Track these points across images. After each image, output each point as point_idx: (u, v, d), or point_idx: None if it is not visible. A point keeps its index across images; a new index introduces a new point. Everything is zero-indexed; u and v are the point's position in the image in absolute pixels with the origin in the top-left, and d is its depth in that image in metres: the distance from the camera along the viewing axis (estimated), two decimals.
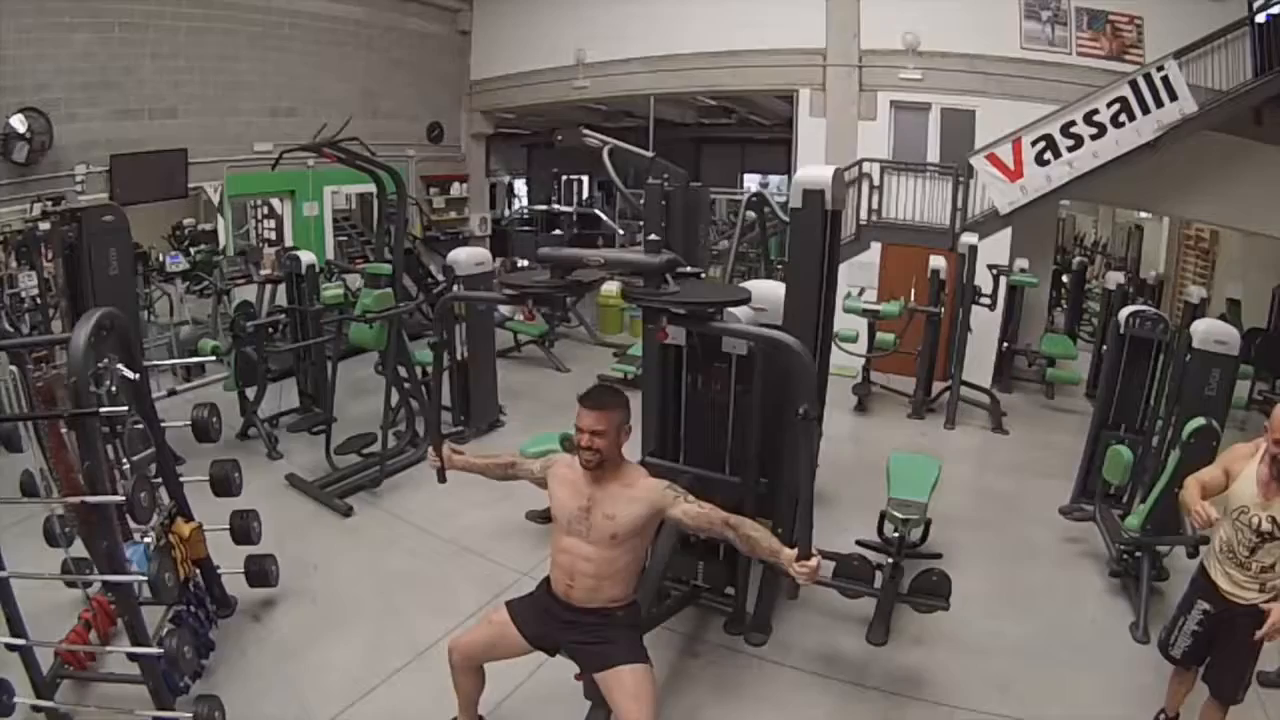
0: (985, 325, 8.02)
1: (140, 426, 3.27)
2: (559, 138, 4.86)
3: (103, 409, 2.85)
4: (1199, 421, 4.27)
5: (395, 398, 5.93)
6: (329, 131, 5.33)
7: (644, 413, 4.28)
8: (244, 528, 3.87)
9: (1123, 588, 4.62)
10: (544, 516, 5.18)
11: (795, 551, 2.48)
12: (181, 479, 3.64)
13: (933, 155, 9.21)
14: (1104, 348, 8.16)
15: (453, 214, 12.12)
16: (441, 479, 3.29)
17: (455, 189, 12.13)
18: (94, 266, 4.63)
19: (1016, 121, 8.11)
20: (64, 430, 3.41)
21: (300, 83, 9.61)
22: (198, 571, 3.68)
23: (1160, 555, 4.55)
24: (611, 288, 10.32)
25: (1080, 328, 10.24)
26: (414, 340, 6.94)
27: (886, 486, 4.48)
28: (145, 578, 2.94)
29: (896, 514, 4.11)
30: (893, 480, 4.53)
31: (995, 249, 8.09)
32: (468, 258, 6.35)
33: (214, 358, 6.03)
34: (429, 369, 5.85)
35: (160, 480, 3.50)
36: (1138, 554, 4.52)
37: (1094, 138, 7.60)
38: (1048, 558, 5.07)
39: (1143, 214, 13.06)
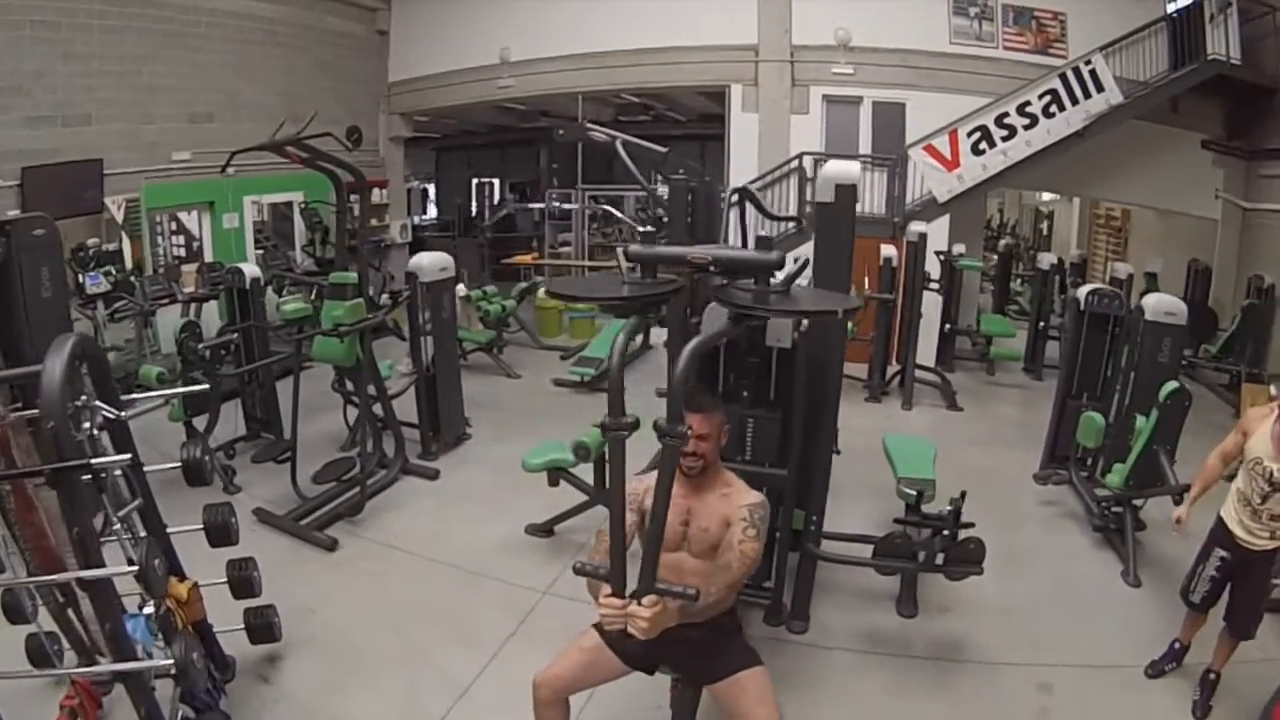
0: (928, 309, 8.33)
1: (118, 473, 2.76)
2: (560, 132, 4.62)
3: (94, 460, 2.39)
4: (1173, 384, 4.66)
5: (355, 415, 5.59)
6: (290, 128, 4.86)
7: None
8: (244, 579, 3.37)
9: (1106, 541, 4.99)
10: (545, 529, 4.95)
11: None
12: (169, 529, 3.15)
13: (864, 147, 9.50)
14: (1040, 324, 8.76)
15: (374, 221, 11.50)
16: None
17: (376, 195, 11.52)
18: (26, 288, 3.96)
19: (946, 114, 8.50)
20: (32, 488, 2.84)
21: (218, 86, 8.97)
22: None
23: (1138, 509, 4.90)
24: None
25: (1007, 307, 10.84)
26: None
27: (891, 467, 4.66)
28: (170, 662, 2.46)
29: (910, 491, 4.28)
30: (896, 461, 4.71)
31: (936, 236, 8.42)
32: (431, 263, 6.00)
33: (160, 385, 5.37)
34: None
35: (145, 535, 3.01)
36: (1118, 509, 4.89)
37: (1027, 128, 8.10)
38: (1033, 522, 5.35)
39: (1047, 196, 14.04)
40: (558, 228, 13.27)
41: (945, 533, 4.05)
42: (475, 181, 16.53)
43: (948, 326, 8.84)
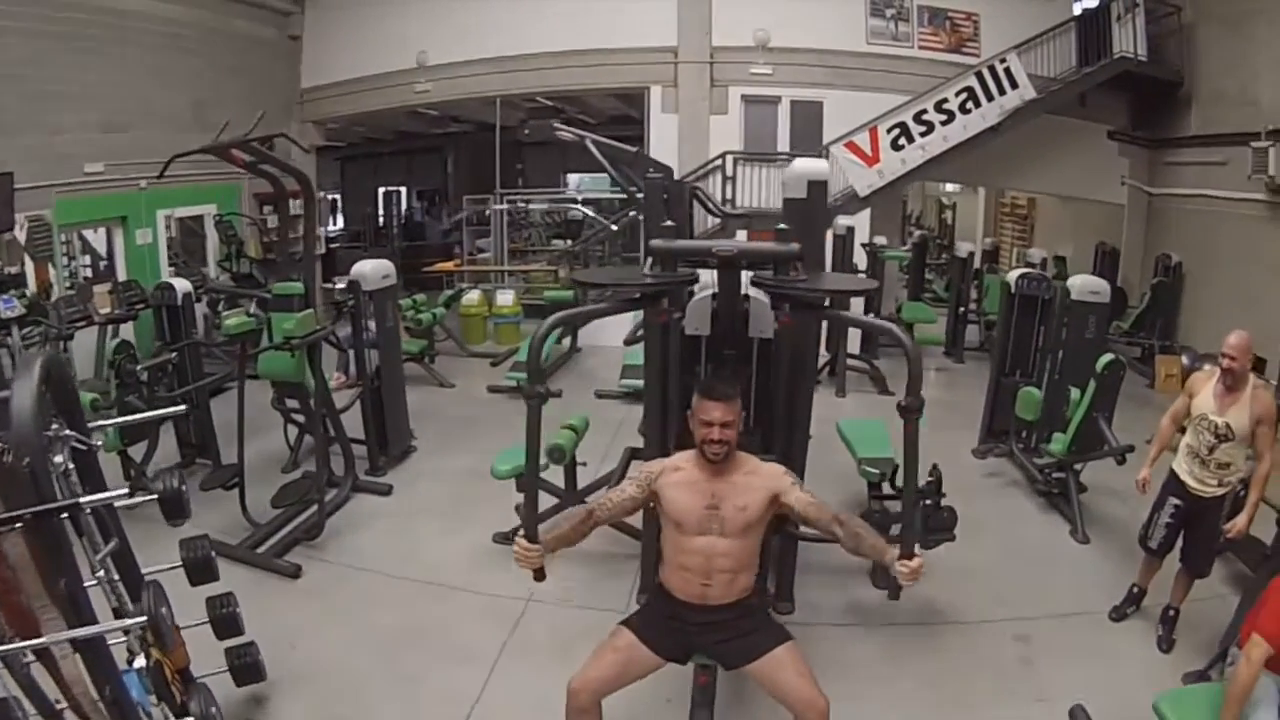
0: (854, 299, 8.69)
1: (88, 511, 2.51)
2: (526, 132, 4.54)
3: (83, 499, 2.16)
4: (1109, 356, 5.08)
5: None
6: (203, 137, 4.56)
7: (647, 410, 4.18)
8: (228, 617, 3.10)
9: (1050, 505, 5.38)
10: (511, 537, 4.83)
11: (899, 551, 2.51)
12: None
13: (783, 145, 9.79)
14: (959, 310, 9.24)
15: (290, 233, 10.88)
16: (540, 577, 2.79)
17: (290, 205, 10.90)
18: None
19: (863, 112, 8.89)
20: None
21: (128, 93, 8.37)
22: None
23: (1078, 473, 5.27)
24: (474, 296, 10.01)
25: (923, 295, 11.37)
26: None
27: (850, 450, 4.91)
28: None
29: (873, 470, 4.56)
30: (854, 444, 4.93)
31: (859, 229, 8.75)
32: (373, 270, 5.77)
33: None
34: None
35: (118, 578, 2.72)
36: (1060, 474, 5.26)
37: (944, 124, 8.58)
38: (980, 492, 5.65)
39: (950, 187, 14.86)
40: (476, 234, 13.05)
41: (926, 502, 4.23)
42: (382, 190, 15.99)
43: (872, 315, 9.20)
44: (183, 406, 3.22)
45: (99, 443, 2.44)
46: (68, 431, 2.34)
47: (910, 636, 3.94)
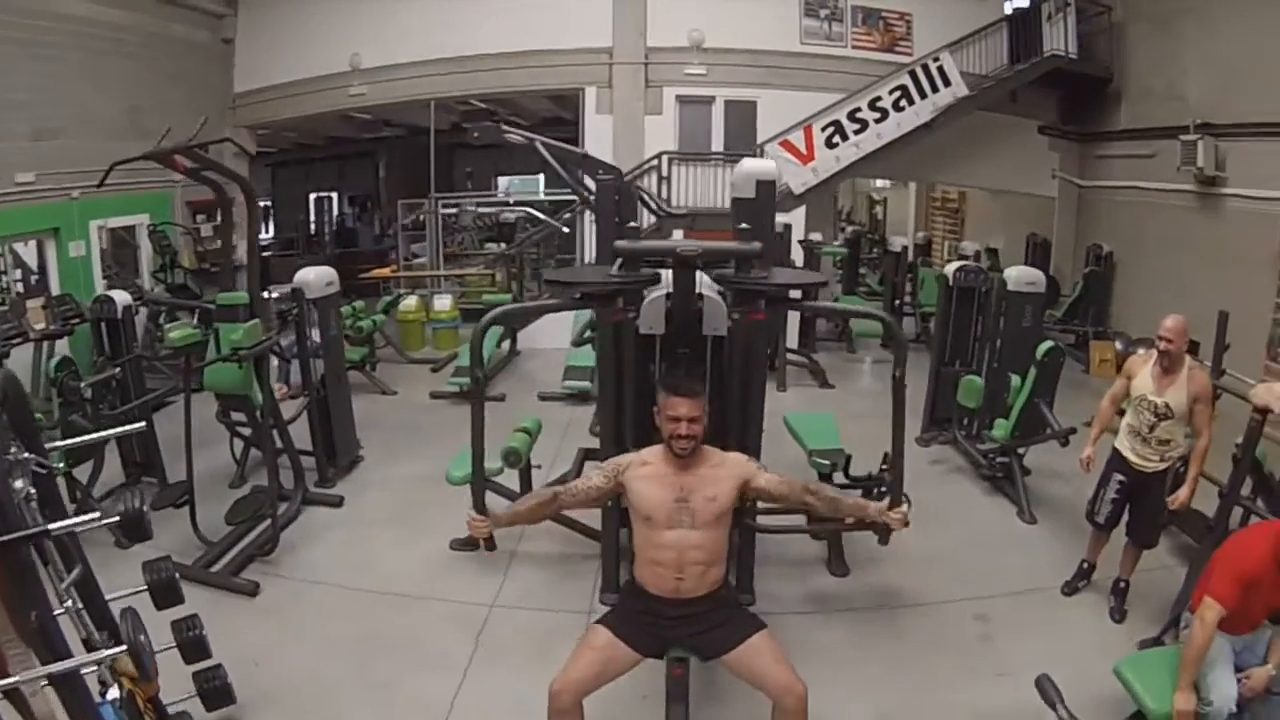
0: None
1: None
2: (475, 135, 4.49)
3: (52, 525, 2.04)
4: (1049, 344, 5.33)
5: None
6: (143, 144, 4.37)
7: (601, 410, 4.23)
8: (196, 641, 2.99)
9: (995, 488, 5.59)
10: (468, 543, 4.79)
11: (883, 504, 2.83)
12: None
13: (717, 145, 9.90)
14: (895, 302, 9.52)
15: (220, 242, 10.49)
16: (491, 546, 2.94)
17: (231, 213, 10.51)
18: None
19: (797, 111, 9.06)
20: None
21: (60, 99, 7.95)
22: None
23: (1021, 457, 5.51)
24: (411, 302, 9.85)
25: (857, 289, 11.67)
26: None
27: (799, 442, 5.04)
28: None
29: (823, 462, 4.70)
30: (803, 436, 5.06)
31: (795, 226, 8.96)
32: (317, 278, 5.63)
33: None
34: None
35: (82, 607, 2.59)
36: (1004, 459, 5.48)
37: (878, 121, 8.81)
38: (926, 479, 5.77)
39: (880, 182, 15.26)
40: (411, 239, 12.86)
41: (879, 490, 4.36)
42: (314, 196, 15.57)
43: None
44: (141, 423, 3.05)
45: (60, 465, 2.31)
46: (27, 455, 2.23)
47: (872, 621, 4.07)
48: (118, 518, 2.49)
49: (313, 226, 14.95)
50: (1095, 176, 10.21)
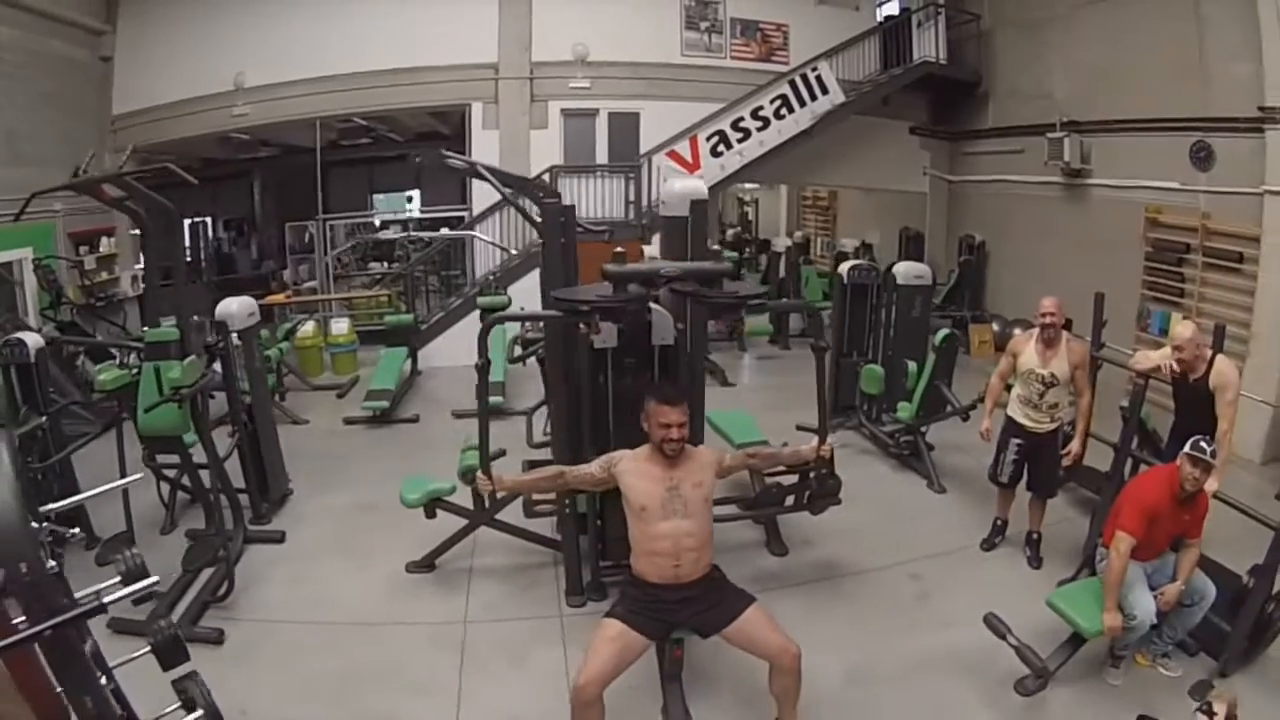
0: None
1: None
2: (418, 159, 4.53)
3: (106, 598, 1.91)
4: (945, 331, 5.99)
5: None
6: (14, 171, 4.13)
7: (554, 422, 4.43)
8: (209, 708, 2.90)
9: (903, 465, 6.20)
10: (427, 564, 4.85)
11: (812, 446, 3.55)
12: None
13: (601, 157, 10.17)
14: (782, 299, 10.11)
15: (104, 274, 9.73)
16: (491, 502, 3.58)
17: (105, 244, 9.76)
18: None
19: (679, 121, 9.45)
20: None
21: None
22: None
23: (924, 434, 6.13)
24: (309, 328, 9.57)
25: None
26: None
27: (724, 438, 5.45)
28: None
29: None
30: (728, 431, 5.52)
31: None
32: (240, 308, 5.46)
33: None
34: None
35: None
36: (908, 437, 6.10)
37: (760, 130, 9.31)
38: (838, 462, 5.96)
39: (749, 185, 15.93)
40: (297, 261, 12.39)
41: (812, 475, 4.80)
42: (189, 222, 14.58)
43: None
44: (139, 475, 2.86)
45: (76, 531, 2.26)
46: (45, 524, 2.16)
47: (819, 591, 4.50)
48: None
49: (187, 254, 13.94)
50: (965, 172, 11.00)
